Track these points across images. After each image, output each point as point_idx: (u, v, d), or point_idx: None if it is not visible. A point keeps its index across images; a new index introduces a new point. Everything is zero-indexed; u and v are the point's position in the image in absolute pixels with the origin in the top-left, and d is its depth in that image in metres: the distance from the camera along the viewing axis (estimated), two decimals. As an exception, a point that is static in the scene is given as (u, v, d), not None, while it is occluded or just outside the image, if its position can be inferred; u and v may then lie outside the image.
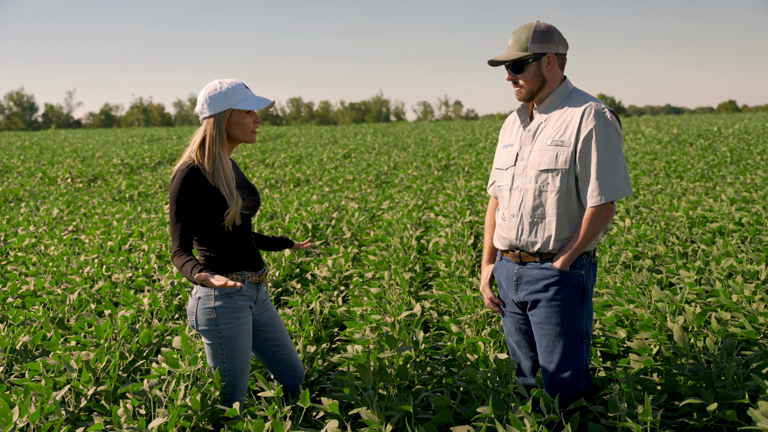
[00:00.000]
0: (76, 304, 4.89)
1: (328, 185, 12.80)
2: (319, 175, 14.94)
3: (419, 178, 13.29)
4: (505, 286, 3.13)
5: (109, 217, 9.37)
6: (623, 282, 4.58)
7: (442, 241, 6.62)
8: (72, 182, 15.19)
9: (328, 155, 20.00)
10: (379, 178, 14.17)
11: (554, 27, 2.99)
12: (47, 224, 8.94)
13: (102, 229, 8.06)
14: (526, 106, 3.11)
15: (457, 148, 21.60)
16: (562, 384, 2.99)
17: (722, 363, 3.17)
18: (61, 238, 7.65)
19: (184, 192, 2.90)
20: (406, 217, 8.03)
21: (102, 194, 12.34)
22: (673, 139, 20.64)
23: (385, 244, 6.87)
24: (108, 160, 19.42)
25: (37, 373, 3.61)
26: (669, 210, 7.49)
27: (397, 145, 24.20)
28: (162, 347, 4.22)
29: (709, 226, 6.61)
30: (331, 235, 7.68)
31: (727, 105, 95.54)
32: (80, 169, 16.86)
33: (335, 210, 9.19)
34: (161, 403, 3.14)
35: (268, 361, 3.29)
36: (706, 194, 8.94)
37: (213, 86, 3.00)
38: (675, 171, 12.04)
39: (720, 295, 4.23)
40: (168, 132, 39.10)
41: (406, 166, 16.38)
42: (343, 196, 10.78)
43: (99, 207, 10.52)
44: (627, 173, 2.94)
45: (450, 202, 9.30)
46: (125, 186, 13.24)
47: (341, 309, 4.85)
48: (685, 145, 18.16)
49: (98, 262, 6.10)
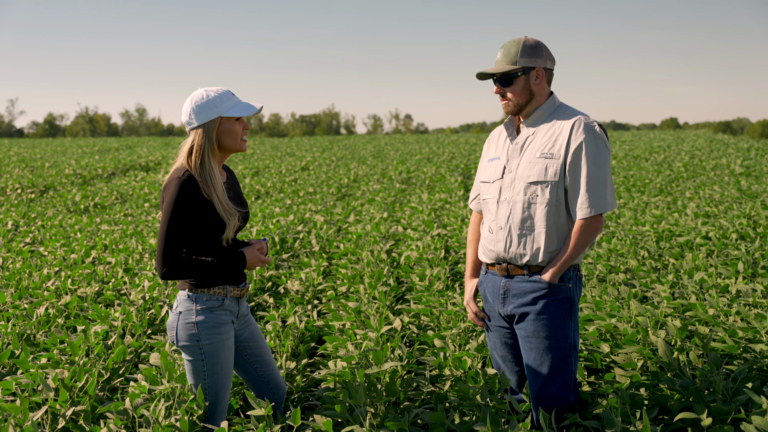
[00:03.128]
0: (44, 319, 4.70)
1: (289, 197, 12.68)
2: (279, 187, 14.80)
3: (382, 191, 13.28)
4: (491, 300, 3.12)
5: (68, 228, 9.09)
6: (601, 296, 4.61)
7: (413, 254, 6.60)
8: (23, 192, 14.72)
9: (286, 167, 19.85)
10: (341, 190, 14.11)
11: (542, 42, 3.04)
12: (2, 236, 8.63)
13: (62, 241, 7.80)
14: (513, 120, 3.14)
15: (416, 161, 21.69)
16: (551, 398, 2.99)
17: (710, 377, 3.20)
18: (20, 250, 7.38)
19: (181, 200, 2.81)
20: (374, 230, 7.99)
21: (56, 205, 11.98)
22: (627, 154, 21.11)
23: (356, 257, 6.82)
24: (59, 170, 18.91)
25: (9, 393, 3.44)
26: (635, 224, 7.61)
27: (354, 157, 24.18)
28: (139, 364, 4.09)
29: (676, 240, 6.74)
30: (299, 248, 7.59)
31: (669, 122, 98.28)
32: (30, 179, 16.36)
33: (300, 222, 9.09)
34: (148, 423, 3.02)
35: (249, 377, 3.20)
36: (668, 209, 9.13)
37: (199, 95, 2.93)
38: (634, 186, 12.29)
39: (697, 308, 4.29)
40: (118, 142, 38.36)
41: (366, 178, 16.36)
42: (307, 208, 10.69)
43: (55, 218, 10.20)
44: (613, 186, 2.99)
45: (416, 215, 9.31)
46: (80, 197, 12.88)
47: (318, 323, 4.78)
48: (641, 161, 18.58)
49: (63, 275, 5.89)
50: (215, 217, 2.88)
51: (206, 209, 2.86)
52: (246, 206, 3.13)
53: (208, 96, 2.91)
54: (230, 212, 2.90)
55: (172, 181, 2.85)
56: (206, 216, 2.86)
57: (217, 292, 2.94)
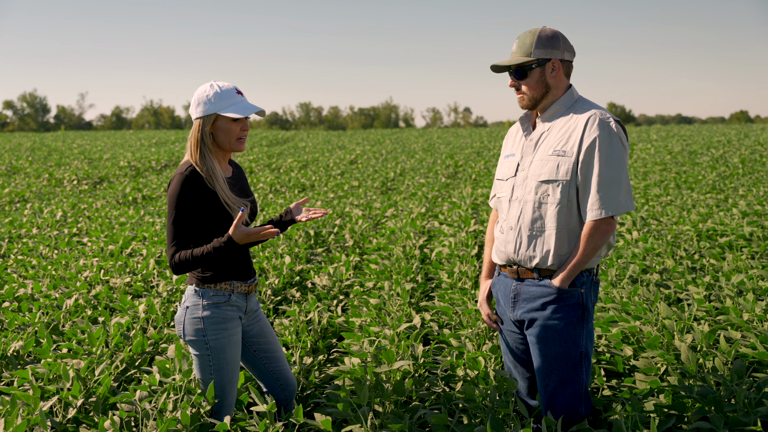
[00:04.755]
0: (72, 309, 4.80)
1: (333, 191, 12.71)
2: (325, 180, 14.85)
3: (425, 185, 13.18)
4: (503, 303, 3.00)
5: (113, 220, 9.30)
6: (630, 297, 4.45)
7: (445, 250, 6.52)
8: (78, 184, 15.16)
9: (334, 161, 19.92)
10: (385, 184, 14.08)
11: (560, 33, 2.86)
12: (50, 226, 8.88)
13: (105, 232, 7.98)
14: (530, 114, 2.99)
15: (465, 155, 21.49)
16: (561, 408, 2.85)
17: (732, 386, 3.04)
18: (63, 240, 7.58)
19: (184, 194, 2.82)
20: (409, 225, 7.93)
21: (106, 197, 12.28)
22: (684, 149, 20.46)
23: (387, 252, 6.77)
24: (115, 162, 19.41)
25: (26, 381, 3.52)
26: (678, 223, 7.35)
27: (404, 151, 24.11)
28: (156, 356, 4.13)
29: (718, 240, 6.48)
30: (333, 242, 7.59)
31: (738, 115, 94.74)
32: (87, 171, 16.83)
33: (339, 217, 9.09)
34: (150, 415, 3.04)
35: (258, 373, 3.20)
36: (717, 207, 8.80)
37: (203, 88, 2.94)
38: (686, 182, 11.89)
39: (730, 312, 4.10)
40: (176, 135, 39.13)
41: (413, 172, 16.28)
42: (348, 202, 10.68)
43: (103, 210, 10.46)
44: (630, 187, 2.80)
45: (455, 211, 9.19)
46: (130, 189, 13.18)
47: (340, 319, 4.75)
48: (696, 156, 17.99)
49: (97, 266, 6.02)
50: (221, 208, 2.88)
51: (211, 201, 2.86)
52: (251, 196, 3.12)
53: (211, 91, 2.92)
54: (235, 201, 2.90)
55: (175, 177, 2.87)
56: (212, 207, 2.87)
57: (223, 288, 2.94)
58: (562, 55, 2.84)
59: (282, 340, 4.22)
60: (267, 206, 10.43)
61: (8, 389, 3.30)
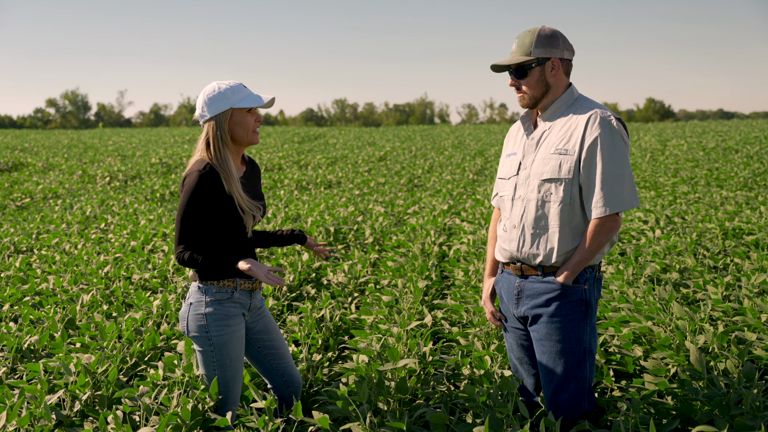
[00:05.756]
0: (89, 304, 4.88)
1: (358, 188, 12.72)
2: (352, 177, 14.87)
3: (451, 182, 13.12)
4: (506, 300, 3.04)
5: (139, 216, 9.43)
6: (644, 297, 4.37)
7: (463, 248, 6.48)
8: (111, 180, 15.41)
9: (363, 157, 19.94)
10: (412, 181, 14.05)
11: (560, 32, 2.90)
12: (80, 222, 9.04)
13: (129, 228, 8.10)
14: (530, 113, 3.02)
15: (495, 151, 21.36)
16: (564, 404, 2.88)
17: (740, 389, 2.97)
18: (88, 236, 7.71)
19: (200, 191, 2.85)
20: (430, 223, 7.90)
21: (135, 193, 12.47)
22: (719, 145, 20.05)
23: (405, 249, 6.75)
24: (147, 159, 19.68)
25: (36, 375, 3.59)
26: (703, 221, 7.20)
27: (434, 147, 24.04)
28: (167, 351, 4.18)
29: (745, 238, 6.32)
30: (353, 239, 7.59)
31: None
32: (119, 167, 17.10)
33: (361, 214, 9.09)
34: (151, 410, 3.07)
35: (263, 369, 3.24)
36: (747, 204, 8.59)
37: (211, 88, 2.97)
38: (716, 179, 11.65)
39: (747, 313, 4.00)
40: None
41: (440, 169, 16.23)
42: (372, 199, 10.69)
43: (131, 206, 10.61)
44: (633, 183, 2.82)
45: (477, 208, 9.13)
46: (159, 186, 13.36)
47: (352, 317, 4.75)
48: (730, 152, 17.61)
49: (118, 261, 6.11)
50: (233, 211, 2.91)
51: (225, 202, 2.90)
52: (262, 199, 3.14)
53: (220, 88, 2.95)
54: (249, 206, 2.94)
55: (193, 173, 2.89)
56: (225, 209, 2.90)
57: (226, 285, 2.97)
58: (562, 54, 2.88)
59: (292, 336, 4.23)
60: (290, 203, 10.48)
61: (17, 383, 3.37)
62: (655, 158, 17.06)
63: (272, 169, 17.60)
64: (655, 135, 26.70)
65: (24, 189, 13.20)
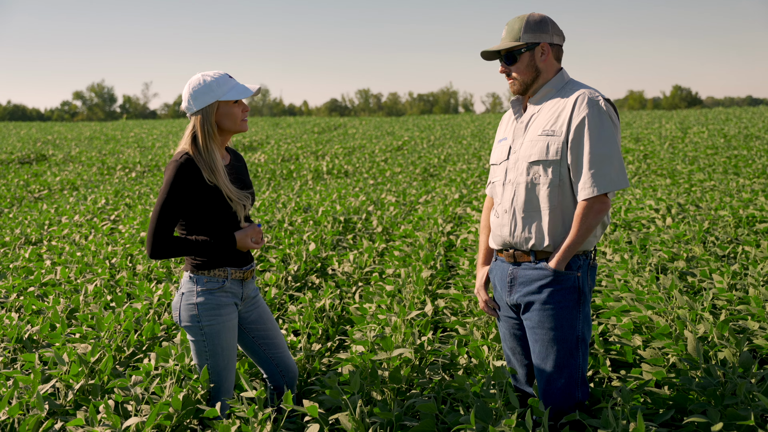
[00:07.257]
0: (93, 294, 4.91)
1: (373, 177, 12.69)
2: (368, 167, 14.84)
3: (466, 171, 13.04)
4: (500, 289, 3.01)
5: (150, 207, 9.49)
6: (648, 286, 4.30)
7: (471, 237, 6.43)
8: (129, 172, 15.53)
9: (380, 147, 19.89)
10: (427, 171, 13.99)
11: (549, 17, 2.89)
12: (92, 213, 9.12)
13: (138, 219, 8.15)
14: (521, 99, 3.01)
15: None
16: (557, 393, 2.84)
17: (735, 378, 2.91)
18: (98, 227, 7.77)
19: (177, 182, 2.85)
20: (440, 212, 7.85)
21: (150, 184, 12.55)
22: (740, 132, 19.70)
23: (412, 239, 6.72)
24: (166, 150, 19.80)
25: (32, 365, 3.61)
26: (717, 209, 7.07)
27: (452, 137, 23.92)
28: (166, 341, 4.19)
29: (757, 226, 6.20)
30: (362, 229, 7.57)
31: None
32: (138, 159, 17.23)
33: (372, 203, 9.07)
34: (141, 400, 3.08)
35: (258, 359, 3.24)
36: (763, 191, 8.43)
37: (196, 80, 2.95)
38: (735, 167, 11.44)
39: (751, 302, 3.92)
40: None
41: (456, 158, 16.13)
42: (385, 189, 10.65)
43: (146, 196, 10.68)
44: (623, 164, 2.77)
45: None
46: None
47: (353, 306, 4.74)
48: (752, 139, 17.30)
49: (124, 252, 6.15)
50: (220, 201, 2.90)
51: (208, 193, 2.88)
52: (250, 187, 3.13)
53: (205, 81, 2.93)
54: (237, 195, 2.94)
55: (171, 164, 2.90)
56: (209, 199, 2.89)
57: (217, 275, 2.97)
58: (551, 39, 2.88)
59: (292, 326, 4.23)
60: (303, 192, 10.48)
61: (10, 372, 3.40)
62: (674, 146, 16.81)
63: (289, 160, 17.60)
64: (677, 122, 26.30)
65: (42, 181, 13.34)
